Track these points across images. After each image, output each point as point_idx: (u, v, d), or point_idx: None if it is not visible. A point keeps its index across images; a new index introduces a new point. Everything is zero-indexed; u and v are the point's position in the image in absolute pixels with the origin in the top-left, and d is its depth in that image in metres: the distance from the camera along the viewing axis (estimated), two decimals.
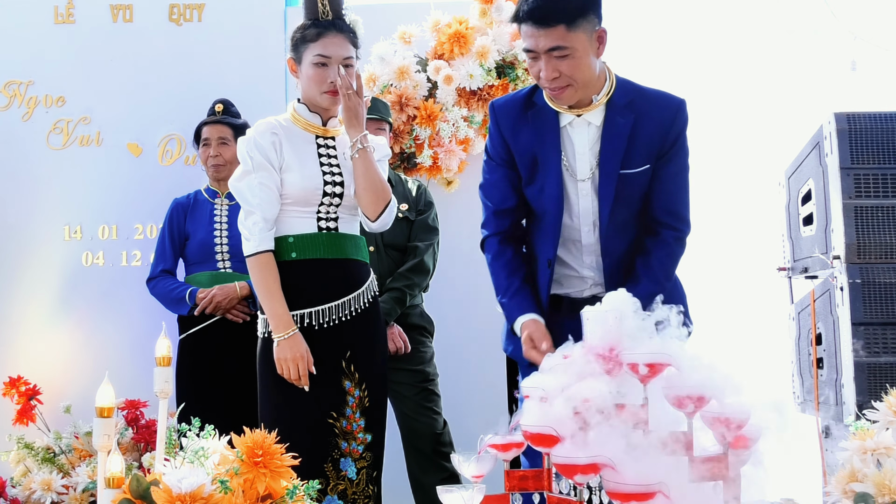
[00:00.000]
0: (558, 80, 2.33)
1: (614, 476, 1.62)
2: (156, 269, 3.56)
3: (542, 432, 1.73)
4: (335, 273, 2.65)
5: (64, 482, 3.40)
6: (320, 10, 2.65)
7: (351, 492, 2.59)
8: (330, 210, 2.66)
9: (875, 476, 1.90)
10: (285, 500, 1.79)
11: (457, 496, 1.84)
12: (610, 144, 2.41)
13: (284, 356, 2.55)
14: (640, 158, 2.42)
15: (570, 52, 2.29)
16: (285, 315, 2.57)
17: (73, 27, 4.13)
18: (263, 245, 2.59)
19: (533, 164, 2.47)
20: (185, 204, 3.60)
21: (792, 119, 4.07)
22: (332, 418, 2.59)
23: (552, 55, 2.30)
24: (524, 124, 2.48)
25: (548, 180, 2.45)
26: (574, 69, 2.32)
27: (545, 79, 2.34)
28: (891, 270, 2.91)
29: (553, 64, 2.31)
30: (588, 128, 2.44)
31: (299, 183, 2.62)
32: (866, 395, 2.78)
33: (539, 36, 2.29)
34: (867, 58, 4.33)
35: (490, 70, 3.85)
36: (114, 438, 1.88)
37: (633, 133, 2.40)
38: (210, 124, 3.58)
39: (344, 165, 2.69)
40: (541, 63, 2.32)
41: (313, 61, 2.64)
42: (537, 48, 2.31)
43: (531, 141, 2.46)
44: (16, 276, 4.02)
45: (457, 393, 3.71)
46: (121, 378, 2.63)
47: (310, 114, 2.71)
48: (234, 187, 2.67)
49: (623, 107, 2.42)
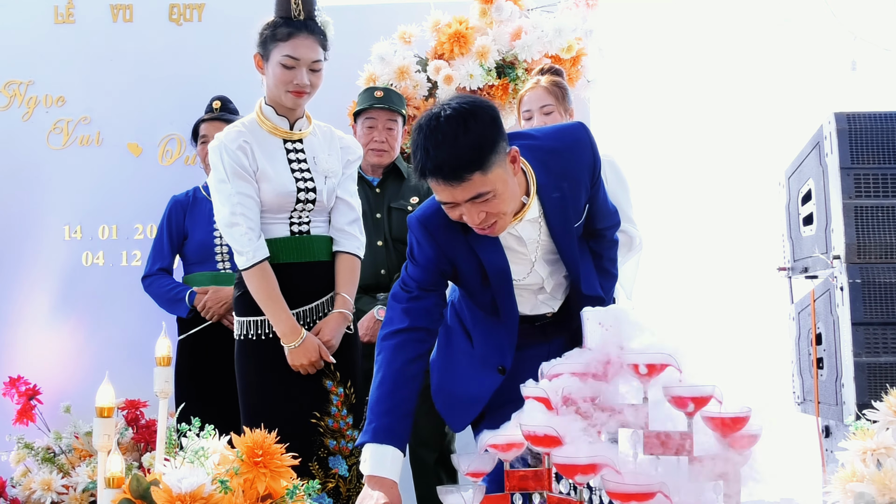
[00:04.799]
0: (486, 219, 2.07)
1: (614, 476, 1.62)
2: (152, 266, 3.52)
3: (544, 433, 1.73)
4: (308, 276, 2.67)
5: (64, 482, 3.40)
6: (293, 10, 2.60)
7: (345, 489, 2.60)
8: (303, 215, 2.67)
9: (875, 476, 1.90)
10: (285, 500, 1.79)
11: (457, 496, 1.84)
12: (558, 226, 2.22)
13: (301, 362, 2.57)
14: (579, 209, 2.27)
15: (493, 193, 2.02)
16: (291, 320, 2.58)
17: (73, 27, 4.14)
18: (259, 255, 2.58)
19: (478, 269, 2.22)
20: (183, 202, 3.56)
21: (792, 119, 4.07)
22: (315, 418, 2.60)
23: (475, 202, 2.03)
24: (458, 238, 2.20)
25: (502, 291, 2.22)
26: (500, 205, 2.05)
27: (472, 224, 2.08)
28: (891, 270, 2.91)
29: (477, 209, 2.04)
30: (532, 224, 2.22)
31: (273, 191, 2.61)
32: (866, 395, 2.78)
33: (454, 190, 2.00)
34: (867, 58, 4.33)
35: (490, 70, 3.85)
36: (114, 438, 1.88)
37: (565, 196, 2.21)
38: (208, 121, 3.55)
39: (314, 169, 2.68)
40: (461, 209, 2.06)
41: (281, 62, 2.59)
42: (457, 200, 2.03)
43: (472, 253, 2.20)
44: (16, 276, 4.03)
45: None
46: (121, 378, 2.63)
47: (277, 117, 2.67)
48: (213, 197, 2.64)
49: (550, 184, 2.20)
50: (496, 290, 2.23)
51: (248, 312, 2.64)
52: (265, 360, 2.62)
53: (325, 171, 2.69)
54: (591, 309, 1.97)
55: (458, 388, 2.34)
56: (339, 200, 2.75)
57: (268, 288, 2.57)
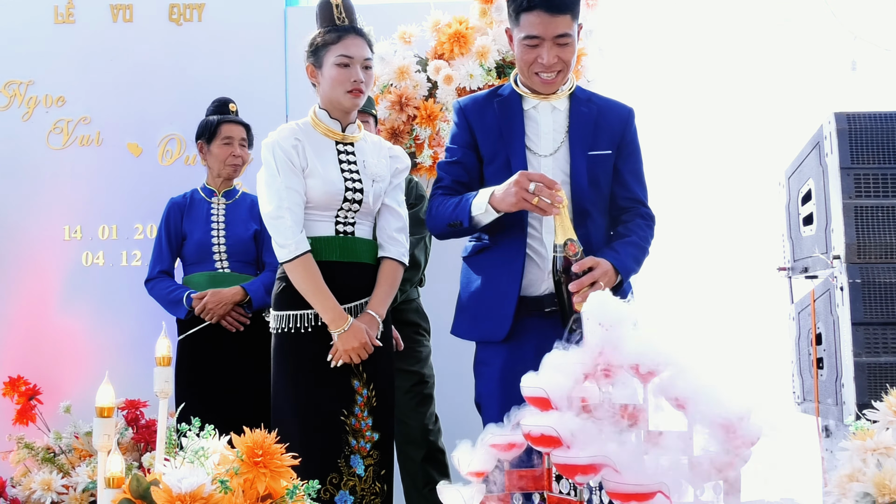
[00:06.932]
0: (556, 65, 2.49)
1: (614, 476, 1.62)
2: (153, 270, 3.53)
3: (545, 433, 1.73)
4: (349, 276, 2.70)
5: (64, 482, 3.40)
6: (336, 17, 2.72)
7: (360, 488, 2.64)
8: (348, 215, 2.73)
9: (875, 476, 1.90)
10: (285, 500, 1.80)
11: (457, 495, 1.84)
12: (578, 127, 2.57)
13: (351, 345, 2.61)
14: (605, 143, 2.59)
15: (571, 40, 2.48)
16: (337, 308, 2.63)
17: (73, 27, 4.14)
18: (301, 247, 2.62)
19: (498, 138, 2.58)
20: (181, 203, 3.56)
21: (792, 119, 4.07)
22: (343, 415, 2.64)
23: (556, 42, 2.46)
24: (489, 110, 2.61)
25: (513, 152, 2.55)
26: (570, 56, 2.51)
27: (545, 64, 2.48)
28: (891, 270, 2.91)
29: (555, 51, 2.47)
30: (553, 111, 2.59)
31: (322, 188, 2.67)
32: (866, 395, 2.78)
33: (549, 23, 2.44)
34: (867, 58, 4.33)
35: (490, 70, 3.85)
36: (114, 438, 1.88)
37: (597, 121, 2.59)
38: (232, 123, 3.54)
39: (363, 172, 2.75)
40: (541, 50, 2.47)
41: (336, 62, 2.69)
42: (546, 35, 2.45)
43: (495, 121, 2.59)
44: (16, 276, 4.03)
45: (455, 393, 3.71)
46: (121, 378, 2.64)
47: (330, 119, 2.75)
48: (260, 191, 2.70)
49: (585, 100, 2.63)
50: (511, 151, 2.54)
51: (287, 306, 2.67)
52: (301, 354, 2.66)
53: (373, 175, 2.76)
54: (590, 308, 1.97)
55: (487, 291, 2.56)
56: (387, 208, 2.82)
57: (313, 278, 2.62)
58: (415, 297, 3.50)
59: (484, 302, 2.57)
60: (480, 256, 2.62)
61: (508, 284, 2.52)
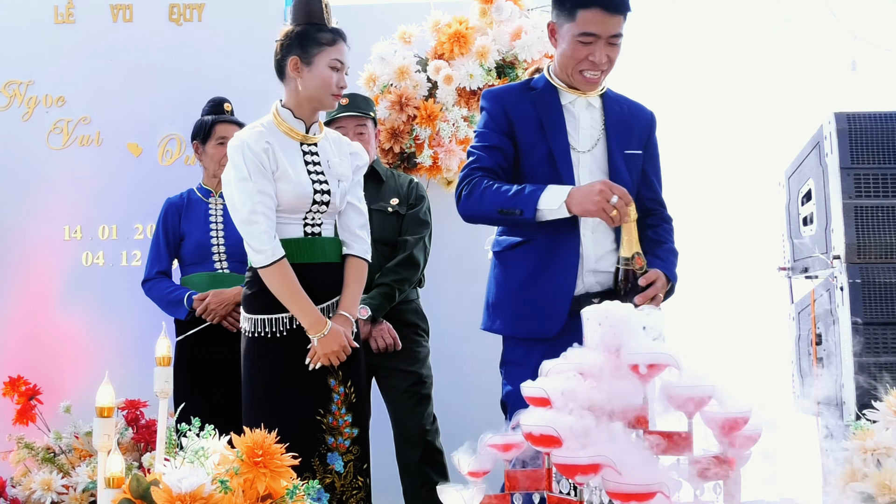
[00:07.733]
0: (604, 64, 2.52)
1: (614, 476, 1.62)
2: (151, 270, 3.51)
3: (545, 433, 1.73)
4: (320, 276, 2.70)
5: (64, 482, 3.40)
6: (326, 17, 2.71)
7: (339, 485, 2.64)
8: (316, 216, 2.73)
9: (875, 476, 1.90)
10: (285, 500, 1.80)
11: (457, 496, 1.84)
12: (614, 125, 2.60)
13: (331, 349, 2.61)
14: (636, 144, 2.64)
15: (621, 41, 2.52)
16: (315, 312, 2.63)
17: (73, 27, 4.13)
18: (278, 253, 2.61)
19: (538, 130, 2.56)
20: (178, 203, 3.55)
21: (792, 119, 4.07)
22: (318, 415, 2.64)
23: (609, 41, 2.49)
24: (525, 101, 2.60)
25: (556, 146, 2.55)
26: (617, 56, 2.54)
27: (597, 63, 2.50)
28: (891, 270, 2.91)
29: (606, 50, 2.49)
30: (588, 108, 2.61)
31: (292, 191, 2.66)
32: (866, 395, 2.78)
33: (606, 22, 2.46)
34: (867, 58, 4.33)
35: (490, 70, 3.85)
36: (114, 438, 1.88)
37: (629, 121, 2.64)
38: (227, 123, 3.53)
39: (328, 172, 2.74)
40: (594, 48, 2.48)
41: (330, 65, 2.69)
42: (602, 33, 2.47)
43: (534, 112, 2.58)
44: (16, 276, 4.02)
45: (454, 393, 3.71)
46: (121, 378, 2.63)
47: (294, 119, 2.73)
48: (229, 194, 2.67)
49: (616, 100, 2.67)
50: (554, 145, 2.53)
51: (259, 310, 2.67)
52: (275, 357, 2.65)
53: (338, 175, 2.76)
54: (591, 309, 1.97)
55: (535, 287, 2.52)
56: (349, 205, 2.81)
57: (289, 283, 2.61)
58: (414, 297, 3.49)
59: (531, 298, 2.54)
60: (519, 252, 2.58)
61: (563, 282, 2.50)
